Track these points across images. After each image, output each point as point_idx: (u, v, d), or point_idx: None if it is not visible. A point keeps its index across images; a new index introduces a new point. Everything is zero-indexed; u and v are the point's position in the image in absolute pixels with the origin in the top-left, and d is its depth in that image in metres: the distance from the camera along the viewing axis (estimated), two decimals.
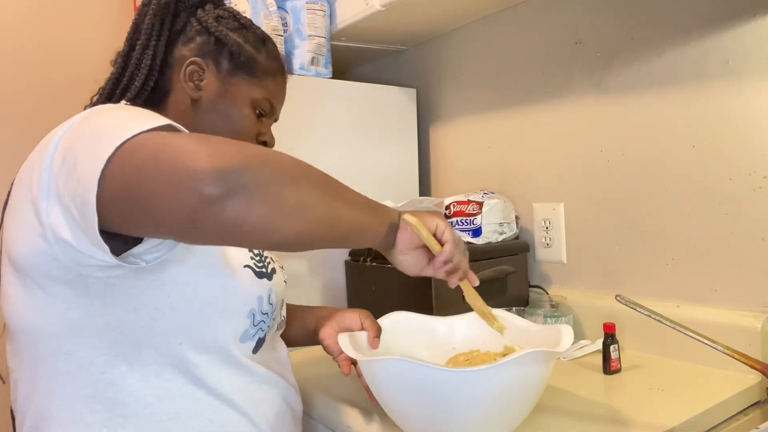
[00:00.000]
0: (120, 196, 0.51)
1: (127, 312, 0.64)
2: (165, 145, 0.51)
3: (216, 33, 0.80)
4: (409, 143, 1.58)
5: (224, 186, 0.48)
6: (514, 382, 0.66)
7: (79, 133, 0.57)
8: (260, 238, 0.53)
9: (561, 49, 1.25)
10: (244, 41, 0.82)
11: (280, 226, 0.52)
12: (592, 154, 1.20)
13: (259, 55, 0.83)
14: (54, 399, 0.65)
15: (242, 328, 0.73)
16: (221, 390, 0.71)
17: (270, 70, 0.84)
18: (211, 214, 0.48)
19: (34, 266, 0.60)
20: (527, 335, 0.82)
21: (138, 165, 0.50)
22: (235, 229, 0.50)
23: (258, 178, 0.51)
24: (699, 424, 0.78)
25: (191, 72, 0.79)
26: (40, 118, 1.72)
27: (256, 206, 0.50)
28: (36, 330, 0.64)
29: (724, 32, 0.98)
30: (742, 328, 0.93)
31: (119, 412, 0.66)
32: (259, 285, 0.76)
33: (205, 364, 0.70)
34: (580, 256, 1.23)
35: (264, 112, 0.84)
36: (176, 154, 0.49)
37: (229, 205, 0.48)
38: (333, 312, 0.92)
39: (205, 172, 0.48)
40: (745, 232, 0.97)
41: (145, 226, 0.53)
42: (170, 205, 0.49)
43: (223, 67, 0.80)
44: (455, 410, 0.67)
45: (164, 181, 0.48)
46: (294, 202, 0.53)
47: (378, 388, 0.73)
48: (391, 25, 1.45)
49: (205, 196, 0.47)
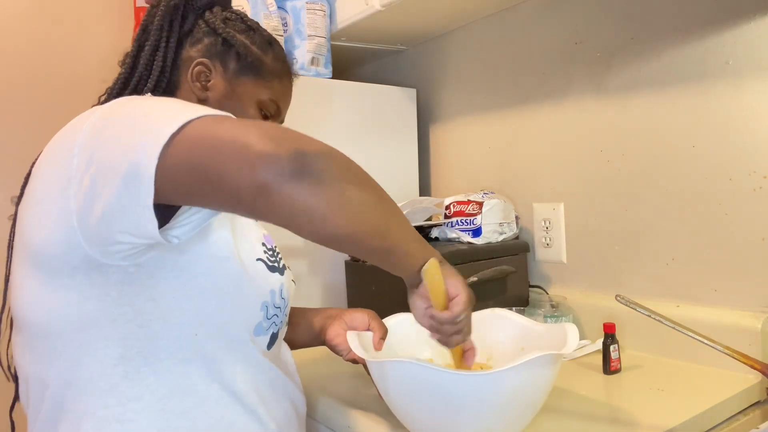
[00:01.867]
0: (188, 169, 0.53)
1: (144, 302, 0.65)
2: (240, 125, 0.54)
3: (223, 34, 0.80)
4: (409, 143, 1.59)
5: (300, 165, 0.52)
6: (523, 385, 0.66)
7: (116, 119, 0.59)
8: (316, 225, 0.54)
9: (561, 50, 1.25)
10: (251, 43, 0.82)
11: (337, 219, 0.54)
12: (592, 154, 1.20)
13: (266, 57, 0.83)
14: (68, 392, 0.65)
15: (255, 320, 0.73)
16: (233, 387, 0.71)
17: (276, 71, 0.85)
18: (284, 188, 0.51)
19: (55, 255, 0.61)
20: (532, 335, 0.82)
21: (214, 140, 0.53)
22: (299, 209, 0.52)
23: (330, 167, 0.54)
24: (699, 424, 0.79)
25: (198, 72, 0.80)
26: (40, 118, 1.72)
27: (322, 192, 0.53)
28: (50, 323, 0.64)
29: (724, 32, 0.98)
30: (742, 328, 0.93)
31: (132, 406, 0.66)
32: (271, 278, 0.76)
33: (219, 357, 0.70)
34: (580, 256, 1.23)
35: (270, 114, 0.85)
36: (254, 134, 0.52)
37: (301, 182, 0.52)
38: (340, 312, 0.92)
39: (284, 150, 0.51)
40: (745, 232, 0.97)
41: (212, 198, 0.55)
42: (249, 175, 0.51)
43: (230, 68, 0.81)
44: (464, 413, 0.66)
45: (244, 155, 0.51)
46: (357, 200, 0.56)
47: (386, 390, 0.73)
48: (391, 25, 1.45)
49: (283, 170, 0.51)
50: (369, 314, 0.89)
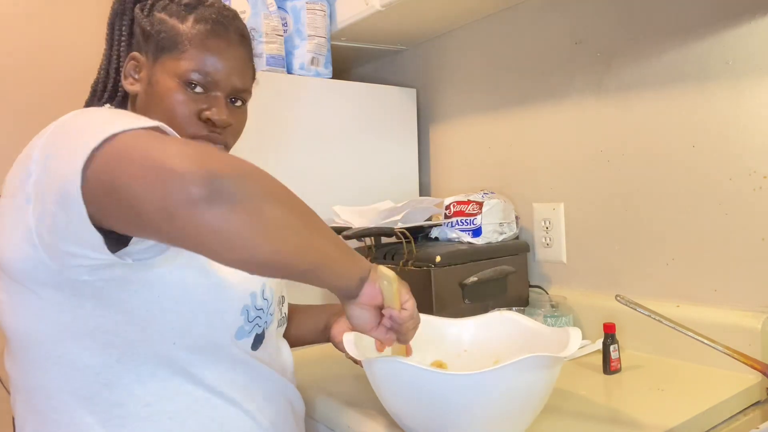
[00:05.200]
0: (105, 188, 0.51)
1: (118, 314, 0.64)
2: (156, 143, 0.51)
3: (141, 23, 0.78)
4: (409, 143, 1.59)
5: (210, 189, 0.48)
6: (511, 387, 0.66)
7: (61, 133, 0.57)
8: (235, 251, 0.51)
9: (561, 49, 1.25)
10: (168, 16, 0.77)
11: (256, 241, 0.51)
12: (592, 154, 1.20)
13: (183, 25, 0.76)
14: (52, 402, 0.65)
15: (236, 326, 0.72)
16: (220, 388, 0.71)
17: (198, 35, 0.75)
18: (193, 214, 0.48)
19: (22, 271, 0.60)
20: (536, 338, 0.82)
21: (126, 159, 0.50)
22: (212, 234, 0.49)
23: (244, 189, 0.50)
24: (699, 424, 0.78)
25: (130, 68, 0.79)
26: (40, 118, 1.72)
27: (237, 215, 0.49)
28: (29, 335, 0.64)
29: (724, 32, 0.98)
30: (742, 328, 0.93)
31: (118, 412, 0.66)
32: (251, 281, 0.75)
33: (201, 362, 0.69)
34: (580, 256, 1.23)
35: (204, 87, 0.75)
36: (167, 153, 0.49)
37: (211, 208, 0.48)
38: None
39: (194, 173, 0.48)
40: (745, 232, 0.97)
41: (127, 220, 0.52)
42: (155, 199, 0.48)
43: (150, 54, 0.77)
44: (450, 413, 0.67)
45: (152, 178, 0.48)
46: (274, 221, 0.52)
47: (378, 389, 0.73)
48: (391, 25, 1.45)
49: (191, 195, 0.48)
50: None
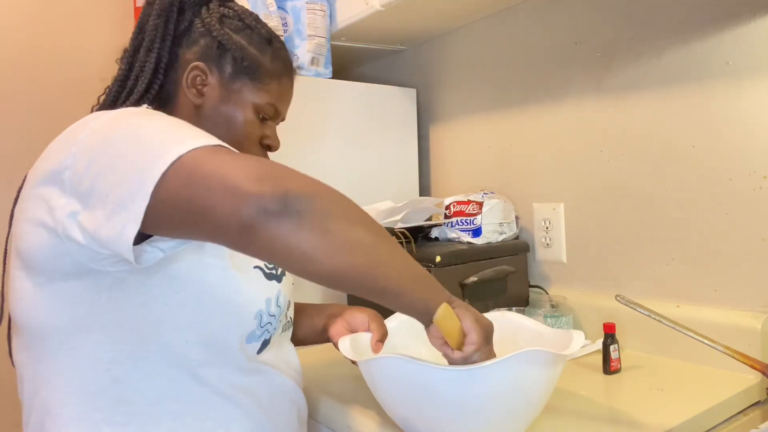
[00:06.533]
0: (177, 203, 0.54)
1: (135, 308, 0.65)
2: (229, 161, 0.55)
3: (218, 36, 0.78)
4: (409, 143, 1.59)
5: (282, 206, 0.52)
6: (513, 382, 0.66)
7: (110, 137, 0.59)
8: (301, 264, 0.54)
9: (561, 49, 1.25)
10: (248, 43, 0.80)
11: (320, 258, 0.54)
12: (592, 154, 1.20)
13: (264, 58, 0.80)
14: (58, 395, 0.65)
15: (248, 330, 0.73)
16: (225, 390, 0.71)
17: (275, 72, 0.82)
18: (266, 228, 0.52)
19: (45, 260, 0.61)
20: (538, 338, 0.82)
21: (201, 179, 0.54)
22: (280, 248, 0.53)
23: (314, 207, 0.54)
24: (699, 424, 0.78)
25: (194, 78, 0.78)
26: (40, 118, 1.72)
27: (303, 231, 0.53)
28: (43, 325, 0.64)
29: (724, 32, 0.98)
30: (742, 328, 0.93)
31: (123, 409, 0.66)
32: (268, 287, 0.75)
33: (209, 362, 0.70)
34: (580, 256, 1.23)
35: (268, 117, 0.82)
36: (243, 170, 0.54)
37: (281, 223, 0.52)
38: (342, 310, 0.91)
39: (267, 191, 0.52)
40: (745, 232, 0.97)
41: (197, 231, 0.56)
42: (233, 216, 0.52)
43: (226, 72, 0.78)
44: (446, 410, 0.66)
45: (229, 195, 0.53)
46: (341, 240, 0.55)
47: (375, 389, 0.73)
48: (391, 25, 1.45)
49: (265, 211, 0.52)
50: (369, 315, 0.87)
